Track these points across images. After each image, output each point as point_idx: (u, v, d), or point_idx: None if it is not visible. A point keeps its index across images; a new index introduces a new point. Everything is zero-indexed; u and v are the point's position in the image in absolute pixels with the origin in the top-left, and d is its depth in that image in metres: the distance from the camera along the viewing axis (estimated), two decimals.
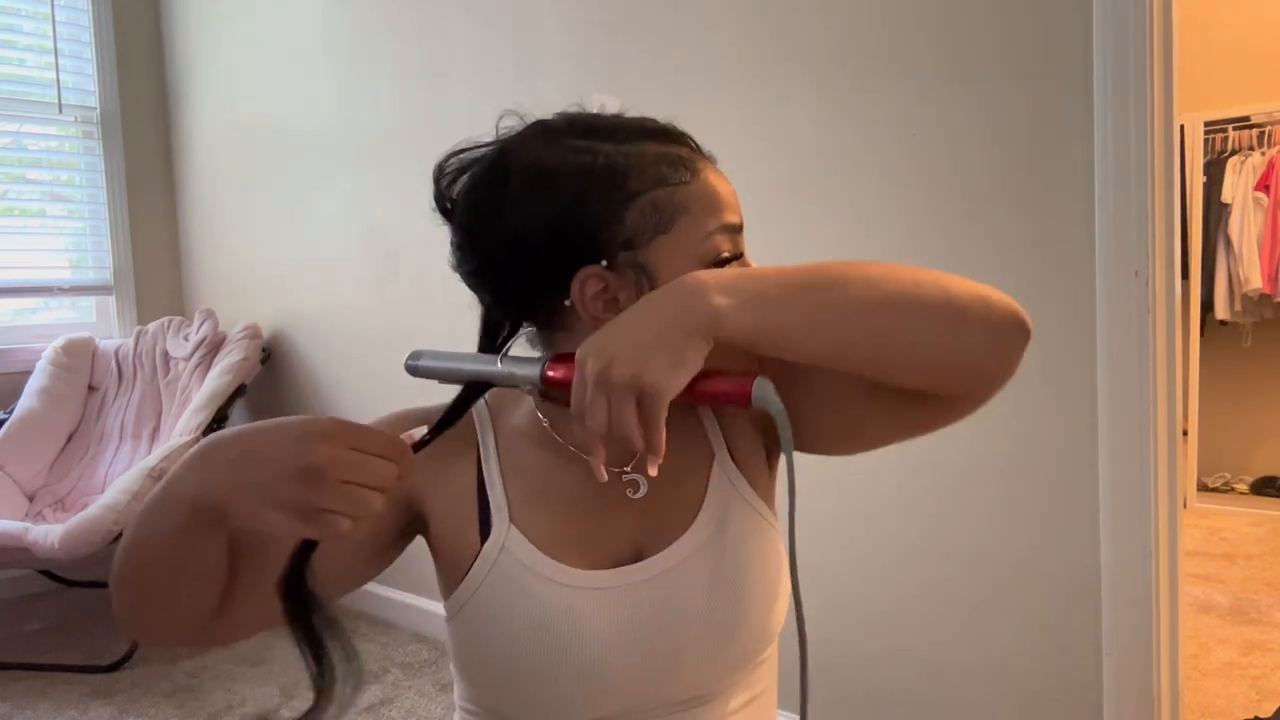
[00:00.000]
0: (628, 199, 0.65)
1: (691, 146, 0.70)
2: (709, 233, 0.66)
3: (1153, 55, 1.29)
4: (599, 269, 0.65)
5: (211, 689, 2.20)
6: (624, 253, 0.65)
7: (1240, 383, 3.72)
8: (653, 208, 0.65)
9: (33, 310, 3.14)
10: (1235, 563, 2.95)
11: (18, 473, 2.72)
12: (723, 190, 0.68)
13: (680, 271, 0.63)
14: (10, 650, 2.48)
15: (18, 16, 3.05)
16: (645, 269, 0.65)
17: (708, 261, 0.66)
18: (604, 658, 0.68)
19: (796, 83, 1.66)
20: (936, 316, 0.61)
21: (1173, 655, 1.38)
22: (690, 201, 0.66)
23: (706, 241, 0.66)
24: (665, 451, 0.67)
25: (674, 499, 0.73)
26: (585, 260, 0.65)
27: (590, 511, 0.73)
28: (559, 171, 0.65)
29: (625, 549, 0.72)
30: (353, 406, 2.68)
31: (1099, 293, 1.35)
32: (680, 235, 0.65)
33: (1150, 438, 1.33)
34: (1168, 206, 1.33)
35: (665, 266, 0.65)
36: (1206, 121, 3.57)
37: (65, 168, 3.17)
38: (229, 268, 3.13)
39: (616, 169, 0.65)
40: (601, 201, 0.65)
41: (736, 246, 0.68)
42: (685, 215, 0.66)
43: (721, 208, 0.67)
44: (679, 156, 0.68)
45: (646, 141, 0.68)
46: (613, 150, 0.66)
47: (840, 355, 0.61)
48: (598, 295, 0.66)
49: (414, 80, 2.40)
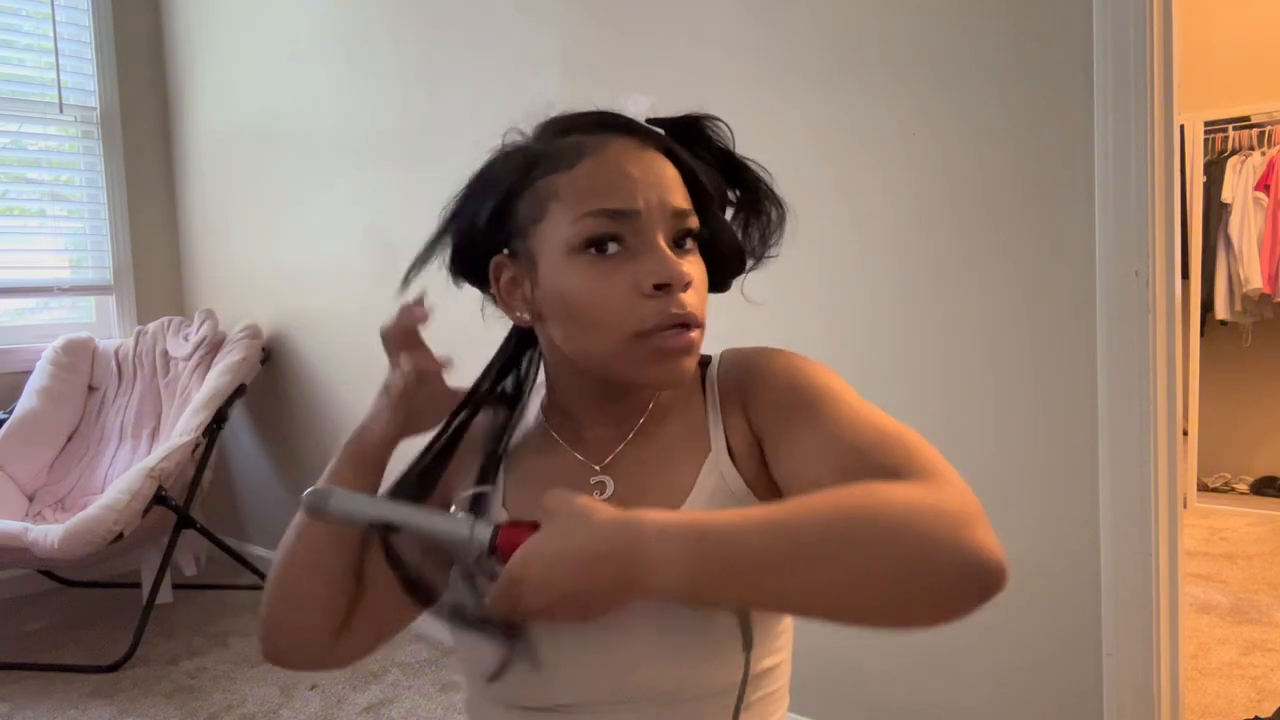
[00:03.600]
0: (521, 189, 0.67)
1: (626, 130, 0.68)
2: (576, 217, 0.65)
3: (1153, 55, 1.29)
4: (503, 258, 0.70)
5: (211, 689, 2.20)
6: (518, 241, 0.68)
7: (1240, 383, 3.72)
8: (534, 196, 0.67)
9: (33, 310, 3.14)
10: (1235, 563, 2.95)
11: (18, 473, 2.72)
12: (613, 172, 0.65)
13: (554, 259, 0.66)
14: (10, 650, 2.48)
15: (18, 16, 3.05)
16: (531, 257, 0.68)
17: (575, 245, 0.65)
18: (553, 656, 0.66)
19: (796, 83, 1.66)
20: (883, 601, 0.54)
21: (1173, 655, 1.38)
22: (565, 187, 0.66)
23: (572, 227, 0.65)
24: (656, 440, 0.73)
25: (656, 492, 0.71)
26: (494, 250, 0.70)
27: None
28: (489, 167, 0.71)
29: None
30: (353, 406, 2.68)
31: (1099, 293, 1.35)
32: (551, 222, 0.66)
33: (1150, 438, 1.33)
34: (1168, 206, 1.32)
35: (542, 254, 0.67)
36: (1206, 121, 3.57)
37: (65, 168, 3.17)
38: (229, 268, 3.13)
39: (524, 161, 0.68)
40: (504, 193, 0.68)
41: (626, 231, 0.65)
42: (556, 201, 0.66)
43: (602, 191, 0.65)
44: (581, 142, 0.67)
45: (579, 134, 0.68)
46: (537, 144, 0.69)
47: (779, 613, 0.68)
48: (510, 283, 0.70)
49: (414, 80, 2.40)
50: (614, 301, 0.64)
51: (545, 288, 0.67)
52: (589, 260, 0.65)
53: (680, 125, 0.72)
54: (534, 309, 0.70)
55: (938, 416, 1.53)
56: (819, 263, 1.65)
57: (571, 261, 0.65)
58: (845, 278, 1.63)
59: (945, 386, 1.53)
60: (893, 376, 1.57)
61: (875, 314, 1.60)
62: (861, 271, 1.61)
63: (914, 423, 0.68)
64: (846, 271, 1.62)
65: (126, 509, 2.31)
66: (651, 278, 0.64)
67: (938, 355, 1.53)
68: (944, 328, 1.52)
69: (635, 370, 0.66)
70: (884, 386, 1.57)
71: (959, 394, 1.51)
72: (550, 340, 0.71)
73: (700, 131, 0.73)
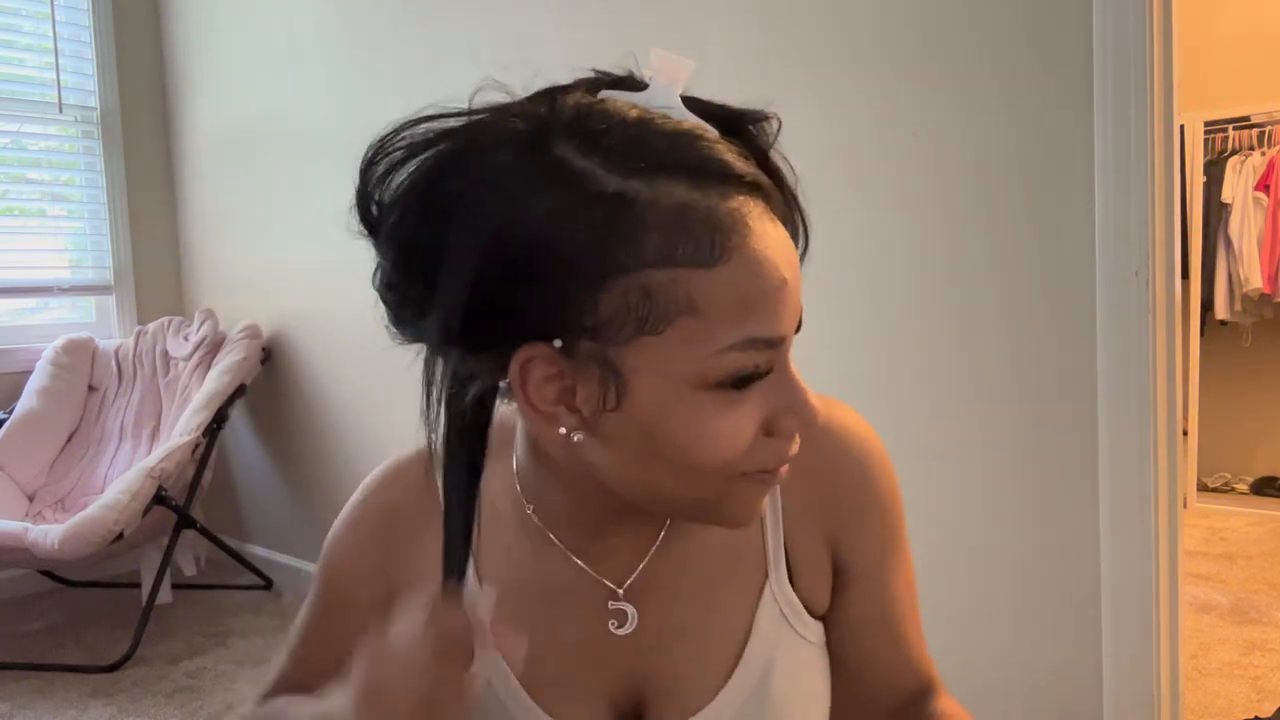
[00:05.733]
0: (611, 271, 0.44)
1: (751, 188, 0.46)
2: (724, 347, 0.45)
3: (1153, 55, 1.29)
4: (548, 349, 0.46)
5: (211, 689, 2.20)
6: (589, 342, 0.46)
7: (1240, 383, 3.72)
8: (643, 295, 0.44)
9: (33, 310, 3.13)
10: (1235, 563, 2.95)
11: (18, 473, 2.72)
12: (772, 279, 0.46)
13: (665, 389, 0.46)
14: (10, 650, 2.48)
15: (18, 16, 3.05)
16: (616, 370, 0.46)
17: (713, 383, 0.46)
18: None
19: (796, 82, 1.66)
20: None
21: (1173, 655, 1.38)
22: (705, 297, 0.44)
23: (714, 359, 0.45)
24: (689, 555, 0.57)
25: (706, 637, 0.57)
26: (532, 334, 0.46)
27: (575, 633, 0.57)
28: (524, 199, 0.44)
29: (620, 692, 0.58)
30: (353, 406, 2.68)
31: (1099, 293, 1.35)
32: (675, 342, 0.45)
33: (1150, 438, 1.33)
34: (1168, 206, 1.33)
35: (645, 377, 0.46)
36: (1206, 121, 3.57)
37: (65, 168, 3.17)
38: (229, 268, 3.13)
39: (608, 219, 0.44)
40: (570, 264, 0.44)
41: (770, 362, 0.47)
42: (690, 317, 0.45)
43: (760, 309, 0.45)
44: (712, 218, 0.44)
45: (676, 179, 0.45)
46: (616, 187, 0.44)
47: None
48: (548, 381, 0.47)
49: (414, 79, 2.40)
50: (739, 445, 0.47)
51: (635, 416, 0.47)
52: (721, 396, 0.46)
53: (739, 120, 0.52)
54: (592, 428, 0.48)
55: (937, 415, 1.53)
56: (819, 262, 1.64)
57: (696, 396, 0.46)
58: (844, 277, 1.63)
59: (945, 386, 1.53)
60: (891, 376, 1.57)
61: (874, 313, 1.60)
62: (860, 270, 1.61)
63: (913, 421, 0.68)
64: (845, 271, 1.62)
65: (126, 509, 2.31)
66: (793, 421, 0.49)
67: (937, 355, 1.53)
68: (943, 327, 1.52)
69: (715, 514, 0.51)
70: (883, 385, 1.57)
71: (958, 393, 1.51)
72: (581, 454, 0.51)
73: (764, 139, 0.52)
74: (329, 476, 2.78)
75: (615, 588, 0.57)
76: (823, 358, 1.63)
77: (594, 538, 0.57)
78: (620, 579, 0.57)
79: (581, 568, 0.57)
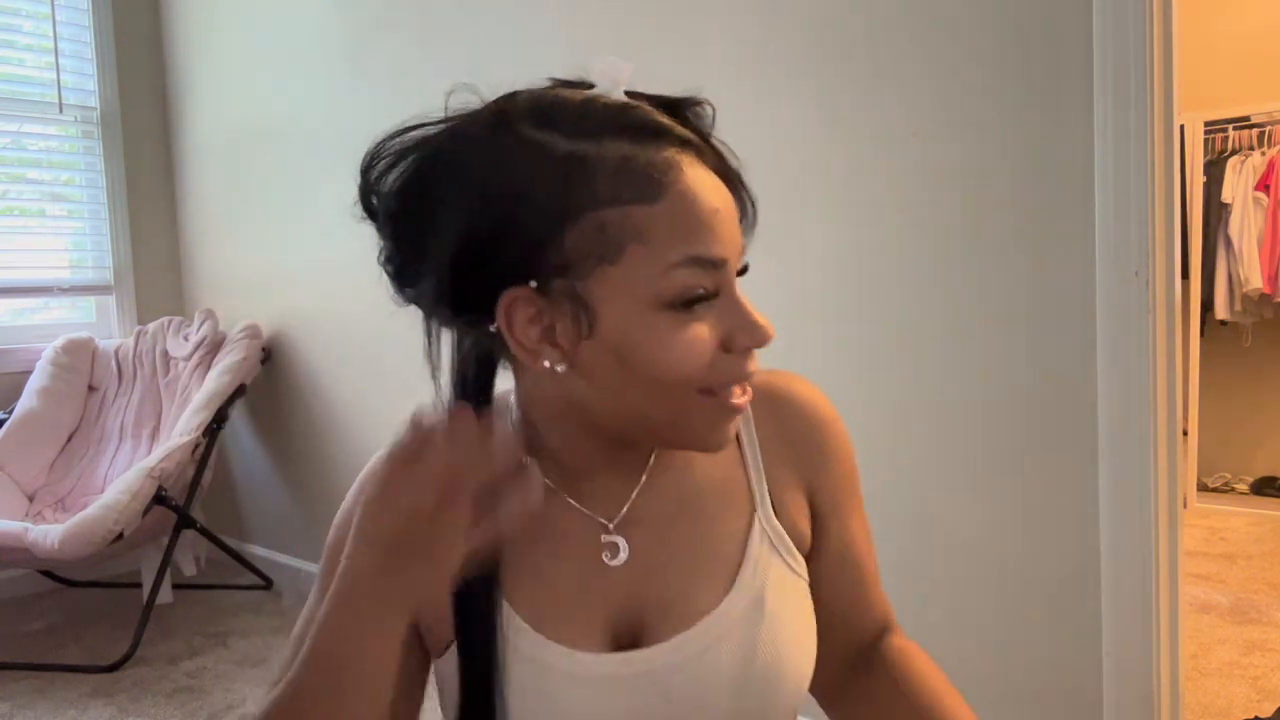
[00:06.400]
0: (570, 214, 0.53)
1: (682, 142, 0.56)
2: (670, 266, 0.53)
3: (1153, 55, 1.29)
4: (527, 291, 0.54)
5: (211, 689, 2.20)
6: (559, 279, 0.54)
7: (1240, 383, 3.72)
8: (599, 230, 0.53)
9: (33, 310, 3.14)
10: (1235, 563, 2.95)
11: (18, 473, 2.72)
12: (704, 207, 0.54)
13: (627, 312, 0.54)
14: (10, 650, 2.48)
15: (18, 16, 3.05)
16: (584, 302, 0.54)
17: (664, 300, 0.54)
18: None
19: (796, 82, 1.66)
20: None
21: (1173, 655, 1.38)
22: (649, 226, 0.53)
23: (664, 279, 0.53)
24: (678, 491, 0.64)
25: (701, 562, 0.63)
26: (512, 279, 0.54)
27: (573, 568, 0.63)
28: (494, 170, 0.54)
29: (619, 619, 0.62)
30: (353, 406, 2.69)
31: (1099, 293, 1.35)
32: (630, 268, 0.53)
33: (1150, 438, 1.33)
34: (1168, 206, 1.33)
35: (609, 304, 0.54)
36: (1206, 121, 3.57)
37: (65, 168, 3.17)
38: (229, 268, 3.13)
39: (563, 174, 0.53)
40: (536, 213, 0.53)
41: (715, 282, 0.55)
42: (639, 244, 0.53)
43: (697, 233, 0.54)
44: (650, 163, 0.54)
45: (619, 139, 0.54)
46: (567, 149, 0.53)
47: None
48: (530, 322, 0.55)
49: (413, 79, 2.40)
50: (697, 360, 0.55)
51: (606, 340, 0.55)
52: (675, 316, 0.54)
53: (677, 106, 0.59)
54: (572, 358, 0.56)
55: (937, 415, 1.53)
56: (818, 261, 1.65)
57: (654, 316, 0.54)
58: (844, 276, 1.63)
59: (945, 386, 1.53)
60: (891, 375, 1.57)
61: (874, 313, 1.60)
62: (861, 270, 1.61)
63: (913, 421, 0.69)
64: (846, 270, 1.62)
65: (126, 509, 2.31)
66: (745, 337, 0.56)
67: (937, 354, 1.53)
68: (943, 327, 1.52)
69: (688, 432, 0.58)
70: (882, 385, 1.57)
71: (959, 393, 1.51)
72: (565, 389, 0.58)
73: (700, 118, 0.60)
74: (329, 476, 2.78)
75: (606, 522, 0.63)
76: (823, 358, 1.63)
77: (585, 478, 0.63)
78: (612, 514, 0.64)
79: (574, 506, 0.63)
